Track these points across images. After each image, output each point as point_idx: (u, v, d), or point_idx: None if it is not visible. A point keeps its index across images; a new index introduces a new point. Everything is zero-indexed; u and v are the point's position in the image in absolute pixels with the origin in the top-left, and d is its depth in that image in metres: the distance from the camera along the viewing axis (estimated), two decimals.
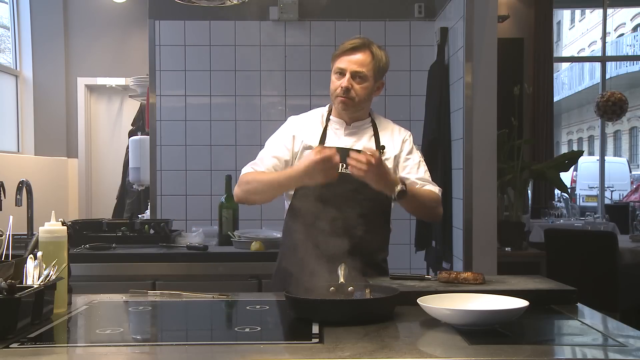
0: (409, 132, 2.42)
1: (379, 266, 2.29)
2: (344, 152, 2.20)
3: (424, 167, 2.37)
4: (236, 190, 2.32)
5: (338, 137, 2.32)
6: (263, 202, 2.33)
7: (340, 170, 2.19)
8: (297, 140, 2.33)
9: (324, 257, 2.05)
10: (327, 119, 2.36)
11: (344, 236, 2.08)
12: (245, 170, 2.34)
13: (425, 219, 2.71)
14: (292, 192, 2.30)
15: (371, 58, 2.25)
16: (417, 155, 2.37)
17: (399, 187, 2.13)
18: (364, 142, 2.31)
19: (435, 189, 2.34)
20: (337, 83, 2.26)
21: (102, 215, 5.83)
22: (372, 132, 2.34)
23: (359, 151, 2.20)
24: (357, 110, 2.31)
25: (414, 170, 2.32)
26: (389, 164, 2.28)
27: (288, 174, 2.19)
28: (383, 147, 2.31)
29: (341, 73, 2.25)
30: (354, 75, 2.23)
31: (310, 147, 2.28)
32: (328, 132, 2.33)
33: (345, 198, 2.19)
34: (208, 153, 4.37)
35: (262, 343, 1.47)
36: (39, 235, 1.77)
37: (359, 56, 2.24)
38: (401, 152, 2.34)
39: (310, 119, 2.39)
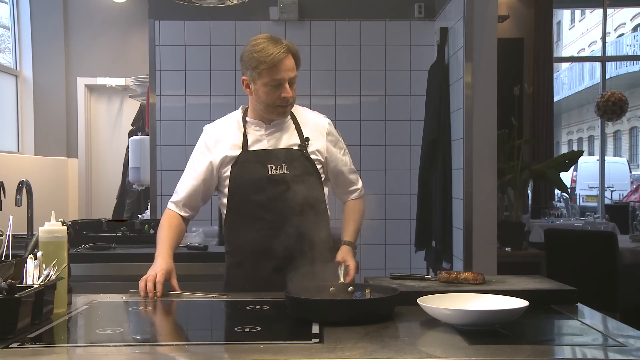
0: (328, 120, 2.40)
1: (328, 255, 2.26)
2: (268, 154, 2.24)
3: (347, 155, 2.41)
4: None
5: (260, 140, 2.28)
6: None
7: (269, 173, 2.22)
8: (214, 152, 2.29)
9: (275, 262, 2.13)
10: (244, 122, 2.31)
11: (286, 237, 2.13)
12: (169, 205, 2.38)
13: None
14: (225, 201, 2.30)
15: (295, 60, 2.23)
16: (341, 143, 2.40)
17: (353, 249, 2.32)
18: (287, 139, 2.29)
19: (358, 192, 2.45)
20: (275, 94, 2.20)
21: (102, 215, 5.83)
22: (294, 126, 2.32)
23: (283, 150, 2.25)
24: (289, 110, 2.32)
25: (342, 164, 2.37)
26: (316, 156, 2.29)
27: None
28: (307, 139, 2.29)
29: (278, 84, 2.19)
30: (292, 82, 2.22)
31: (233, 158, 2.25)
32: (248, 136, 2.29)
33: (278, 200, 2.21)
34: None
35: (262, 343, 1.47)
36: (39, 235, 1.77)
37: (290, 62, 2.20)
38: (327, 145, 2.33)
39: (226, 126, 2.35)
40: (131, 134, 5.77)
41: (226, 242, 2.37)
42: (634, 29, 19.47)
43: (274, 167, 2.22)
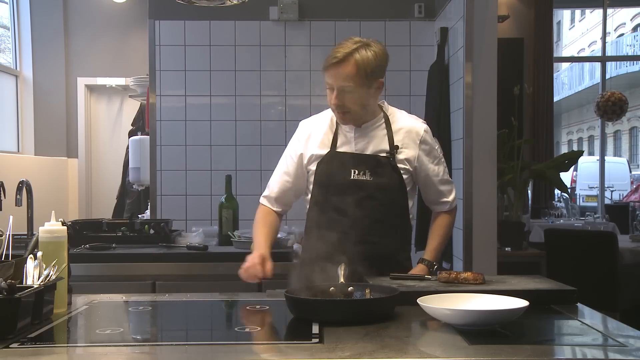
0: (425, 126, 2.33)
1: (401, 265, 2.27)
2: (353, 158, 2.21)
3: (442, 165, 2.34)
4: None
5: (348, 142, 2.27)
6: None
7: (352, 177, 2.20)
8: (307, 148, 2.30)
9: (345, 264, 2.06)
10: (337, 123, 2.30)
11: (360, 244, 2.08)
12: (261, 200, 2.38)
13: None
14: (308, 197, 2.31)
15: (356, 69, 2.13)
16: (435, 152, 2.32)
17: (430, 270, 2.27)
18: (375, 144, 2.25)
19: (448, 205, 2.38)
20: (330, 97, 2.21)
21: (102, 215, 5.83)
22: (385, 132, 2.27)
23: (369, 156, 2.22)
24: (358, 119, 2.25)
25: (433, 174, 2.31)
26: (405, 165, 2.24)
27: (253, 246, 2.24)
28: (397, 147, 2.24)
29: (330, 88, 2.19)
30: (341, 89, 2.15)
31: (320, 156, 2.26)
32: (339, 137, 2.27)
33: (358, 205, 2.18)
34: (208, 153, 4.37)
35: (262, 343, 1.47)
36: (39, 235, 1.77)
37: (343, 69, 2.13)
38: (419, 154, 2.27)
39: (320, 123, 2.34)
40: (131, 134, 5.77)
41: (304, 236, 2.38)
42: (634, 29, 19.47)
43: (356, 172, 2.19)
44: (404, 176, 2.25)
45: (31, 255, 1.66)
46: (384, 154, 2.24)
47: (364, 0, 4.46)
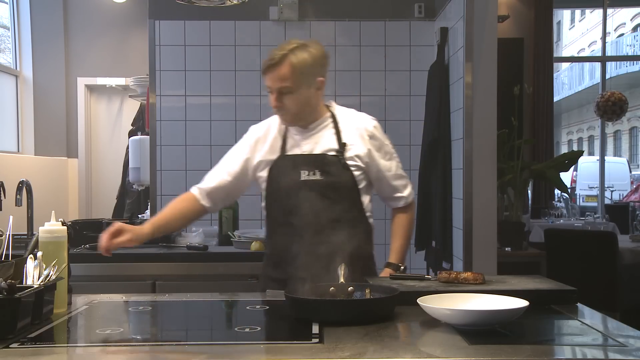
0: (375, 122, 2.31)
1: (365, 265, 2.24)
2: (303, 159, 2.20)
3: (395, 160, 2.31)
4: None
5: (297, 145, 2.25)
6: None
7: (301, 178, 2.18)
8: (255, 156, 2.28)
9: (307, 266, 2.04)
10: (286, 127, 2.29)
11: (317, 244, 2.04)
12: (191, 189, 2.36)
13: None
14: (264, 204, 2.30)
15: (291, 70, 2.13)
16: (387, 147, 2.30)
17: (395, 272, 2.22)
18: (324, 144, 2.23)
19: (405, 191, 2.34)
20: (270, 100, 2.21)
21: (102, 215, 5.83)
22: (333, 131, 2.25)
23: (317, 155, 2.20)
24: (301, 119, 2.24)
25: (385, 169, 2.28)
26: (355, 162, 2.22)
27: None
28: (344, 145, 2.22)
29: (270, 90, 2.20)
30: (280, 91, 2.16)
31: (270, 162, 2.24)
32: (288, 140, 2.26)
33: (311, 205, 2.15)
34: (208, 153, 4.36)
35: (262, 343, 1.47)
36: (39, 235, 1.77)
37: (279, 72, 2.14)
38: (371, 150, 2.25)
39: (270, 128, 2.32)
40: (131, 134, 5.77)
41: (267, 243, 2.38)
42: (634, 29, 19.47)
43: (306, 173, 2.18)
44: (355, 173, 2.22)
45: (31, 255, 1.66)
46: (333, 153, 2.22)
47: (364, 0, 4.45)
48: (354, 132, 2.25)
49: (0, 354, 1.36)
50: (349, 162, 2.21)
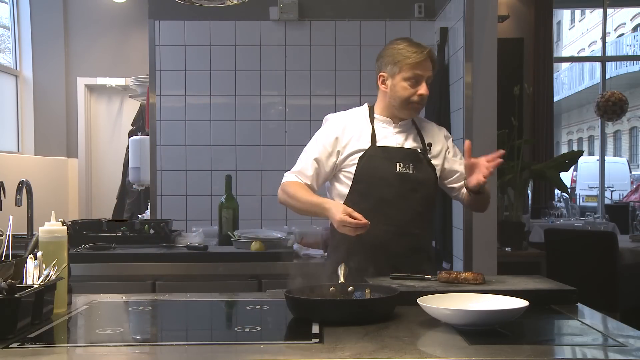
0: (445, 131, 2.50)
1: (433, 260, 2.40)
2: (397, 152, 2.30)
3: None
4: (279, 195, 2.35)
5: (388, 137, 2.35)
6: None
7: (397, 170, 2.27)
8: (342, 141, 2.32)
9: (391, 256, 2.18)
10: (372, 118, 2.38)
11: (403, 235, 2.24)
12: (289, 178, 2.35)
13: (480, 210, 2.66)
14: (345, 191, 2.31)
15: (433, 63, 2.33)
16: (458, 150, 2.47)
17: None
18: (411, 140, 2.37)
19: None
20: (412, 90, 2.30)
21: (102, 215, 5.83)
22: (416, 131, 2.40)
23: (411, 150, 2.32)
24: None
25: (459, 164, 2.42)
26: (437, 161, 2.37)
27: (316, 209, 2.21)
28: (430, 145, 2.37)
29: (417, 80, 2.29)
30: (427, 80, 2.32)
31: (361, 150, 2.29)
32: (377, 131, 2.35)
33: (403, 197, 2.27)
34: (208, 153, 4.36)
35: (262, 343, 1.47)
36: (39, 235, 1.77)
37: (427, 63, 2.31)
38: (448, 147, 2.43)
39: (353, 118, 2.40)
40: (131, 134, 5.77)
41: (332, 233, 2.36)
42: (634, 29, 19.47)
43: (401, 165, 2.27)
44: (438, 174, 2.38)
45: (31, 255, 1.66)
46: (420, 150, 2.35)
47: (364, 0, 4.45)
48: (433, 133, 2.42)
49: (0, 354, 1.36)
50: (433, 161, 2.36)
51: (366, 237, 2.14)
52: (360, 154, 2.30)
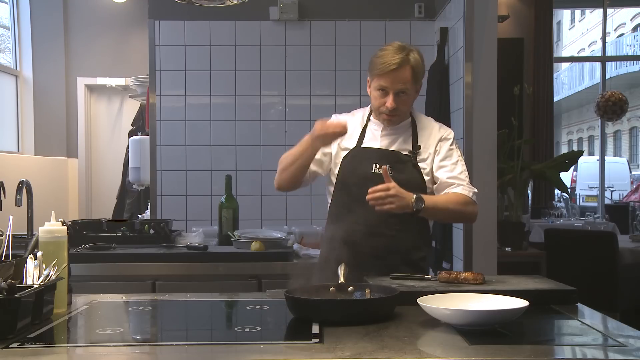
0: (450, 131, 2.38)
1: (416, 265, 2.27)
2: (377, 153, 2.28)
3: (460, 167, 2.32)
4: (275, 177, 2.36)
5: (375, 138, 2.33)
6: (291, 181, 2.33)
7: (373, 171, 2.25)
8: (338, 140, 2.32)
9: (360, 256, 2.15)
10: (368, 119, 2.38)
11: (377, 236, 2.19)
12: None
13: (458, 222, 2.59)
14: (332, 189, 2.35)
15: (411, 73, 2.23)
16: (455, 154, 2.33)
17: (412, 201, 2.10)
18: (400, 143, 2.32)
19: (465, 190, 2.27)
20: (381, 100, 2.25)
21: (102, 215, 5.83)
22: (411, 133, 2.34)
23: (391, 152, 2.28)
24: (402, 119, 2.33)
25: (448, 170, 2.29)
26: (425, 164, 2.30)
27: (303, 146, 2.25)
28: (419, 147, 2.31)
29: (384, 91, 2.24)
30: (397, 92, 2.23)
31: (346, 149, 2.32)
32: (367, 132, 2.35)
33: None
34: (208, 153, 4.37)
35: (262, 343, 1.47)
36: (39, 235, 1.77)
37: (400, 74, 2.21)
38: (438, 151, 2.31)
39: (353, 118, 2.40)
40: (131, 134, 5.77)
41: (326, 229, 2.39)
42: (634, 29, 19.47)
43: (378, 166, 2.24)
44: (426, 177, 2.29)
45: (31, 255, 1.66)
46: (406, 152, 2.31)
47: (364, 0, 4.45)
48: (427, 137, 2.34)
49: (0, 354, 1.36)
50: (420, 164, 2.29)
51: (338, 234, 2.19)
52: (345, 153, 2.32)
